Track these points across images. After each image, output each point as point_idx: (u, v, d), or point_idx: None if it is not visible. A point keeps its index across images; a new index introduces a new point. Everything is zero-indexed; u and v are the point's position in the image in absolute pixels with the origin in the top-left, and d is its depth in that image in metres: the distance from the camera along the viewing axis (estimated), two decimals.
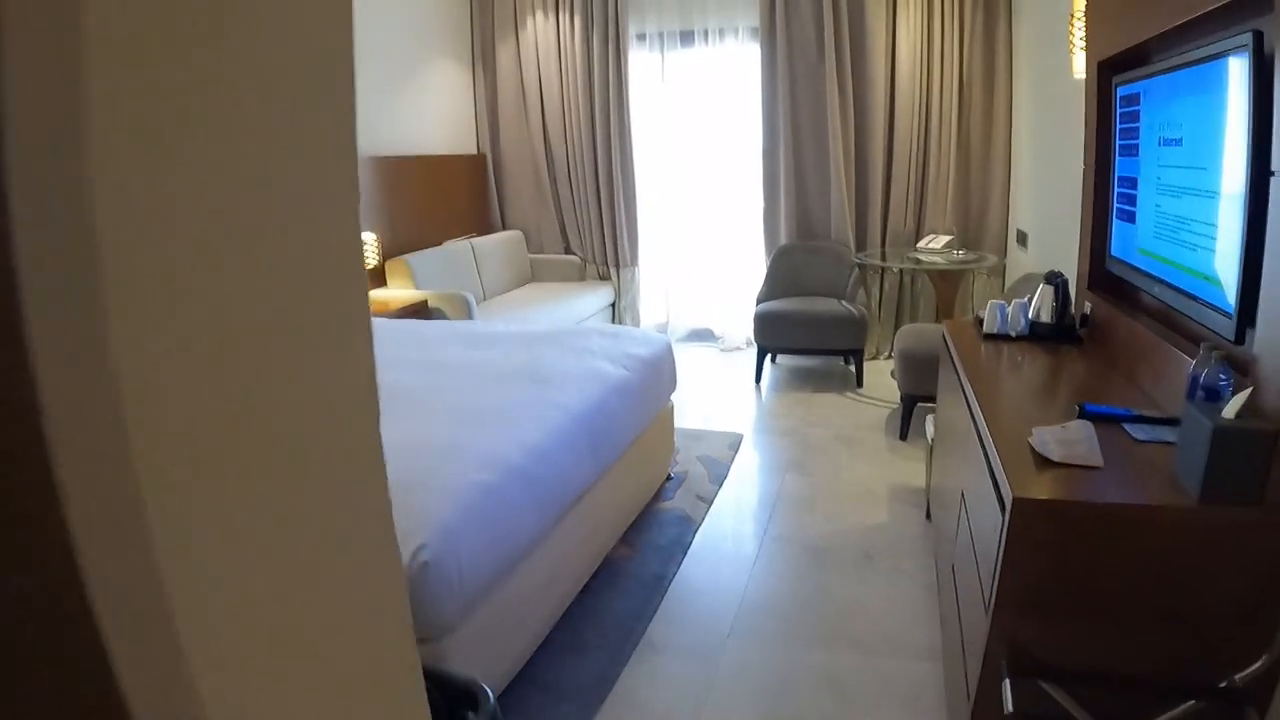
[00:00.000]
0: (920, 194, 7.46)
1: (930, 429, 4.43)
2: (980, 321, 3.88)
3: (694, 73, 8.03)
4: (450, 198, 8.08)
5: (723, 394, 6.85)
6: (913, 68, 7.26)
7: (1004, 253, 7.17)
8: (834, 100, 7.34)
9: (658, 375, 4.63)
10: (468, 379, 4.02)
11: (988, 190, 7.29)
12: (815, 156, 7.61)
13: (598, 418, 3.81)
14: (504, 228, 8.66)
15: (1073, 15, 4.14)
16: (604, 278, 8.39)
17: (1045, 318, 3.70)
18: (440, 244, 7.55)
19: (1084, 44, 4.01)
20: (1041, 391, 3.16)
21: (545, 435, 3.40)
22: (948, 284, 6.68)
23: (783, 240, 7.70)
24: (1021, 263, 6.41)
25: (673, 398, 4.95)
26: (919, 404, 5.49)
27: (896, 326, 7.53)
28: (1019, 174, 6.90)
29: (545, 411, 3.57)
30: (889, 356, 7.42)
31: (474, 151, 8.64)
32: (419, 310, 6.31)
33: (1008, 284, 6.87)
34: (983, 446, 2.61)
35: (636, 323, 8.36)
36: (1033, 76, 6.29)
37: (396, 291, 6.63)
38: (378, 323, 5.44)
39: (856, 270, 7.13)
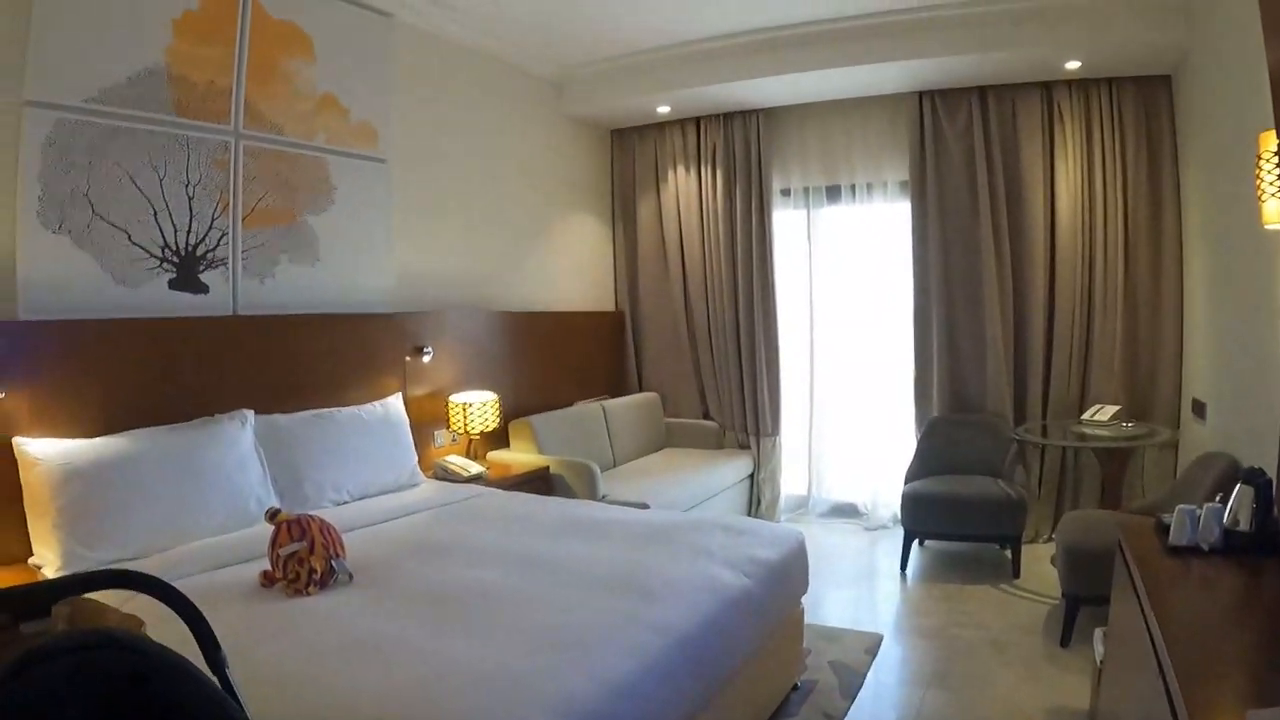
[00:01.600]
0: (1084, 359, 6.66)
1: (1099, 646, 3.71)
2: (1163, 526, 3.16)
3: (840, 230, 7.51)
4: (585, 356, 7.66)
5: (863, 582, 6.10)
6: (1073, 221, 6.59)
7: (1177, 425, 6.31)
8: (989, 258, 6.70)
9: (786, 582, 4.00)
10: (559, 583, 3.46)
11: (1157, 354, 6.46)
12: (970, 319, 6.92)
13: (707, 639, 3.17)
14: (640, 389, 8.16)
15: (1260, 158, 3.53)
16: (743, 446, 7.73)
17: (1244, 525, 2.93)
18: (570, 404, 7.08)
19: (1277, 190, 3.41)
20: (1252, 637, 2.38)
21: (636, 667, 2.78)
22: (1115, 461, 5.84)
23: (935, 411, 6.98)
24: (1199, 437, 5.57)
25: (808, 584, 4.31)
26: (1084, 605, 4.75)
27: (1057, 507, 6.69)
28: (1193, 335, 6.10)
29: (641, 636, 2.95)
30: (1048, 540, 6.60)
31: (611, 308, 8.26)
32: (540, 477, 5.80)
33: (1182, 461, 6.00)
34: (1171, 707, 1.97)
35: (776, 495, 7.64)
36: (1207, 227, 5.57)
37: (518, 455, 6.14)
38: (485, 494, 4.99)
39: (1015, 446, 6.36)
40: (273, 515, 3.67)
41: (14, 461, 3.82)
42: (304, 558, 3.49)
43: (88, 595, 1.76)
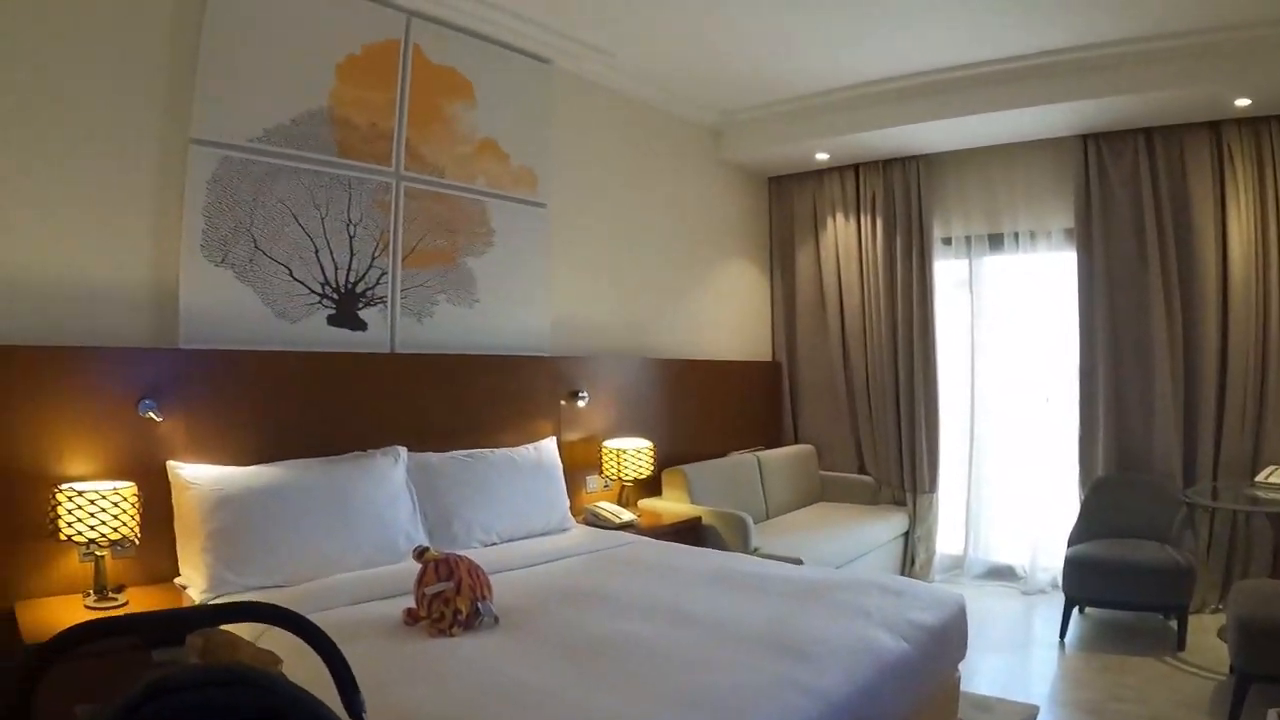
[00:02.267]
0: (1259, 416, 5.89)
1: None
2: None
3: (1003, 279, 6.97)
4: (740, 406, 7.27)
5: (1019, 649, 5.52)
6: (1247, 268, 5.90)
7: None
8: (1158, 308, 6.07)
9: (945, 647, 3.57)
10: (709, 639, 3.13)
11: None
12: (1138, 373, 6.28)
13: (862, 706, 2.81)
14: (796, 441, 7.68)
15: None
16: (899, 502, 7.16)
17: None
18: (725, 454, 6.69)
19: None
20: None
21: None
22: None
23: (1100, 469, 6.33)
24: None
25: (966, 650, 3.84)
26: (1256, 682, 4.14)
27: (1227, 575, 5.93)
28: None
29: (794, 700, 2.63)
30: (1215, 610, 5.89)
31: (768, 358, 7.88)
32: (692, 528, 5.46)
33: None
34: None
35: (931, 554, 7.06)
36: None
37: (670, 504, 5.81)
38: (636, 542, 4.68)
39: (1184, 509, 5.68)
40: (420, 553, 3.47)
41: (168, 484, 3.76)
42: (449, 598, 3.27)
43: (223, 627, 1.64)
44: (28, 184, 3.60)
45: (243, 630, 2.11)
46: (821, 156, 7.16)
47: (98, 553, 3.44)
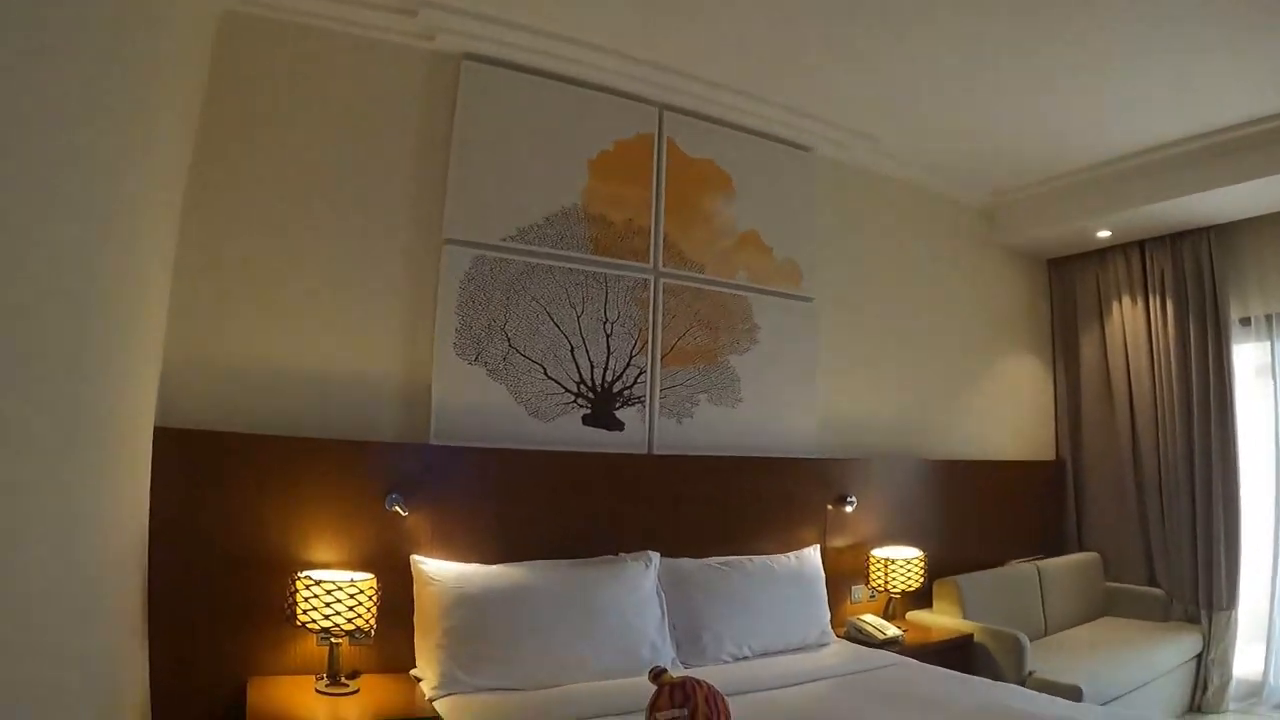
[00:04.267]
0: None
1: None
2: None
3: None
4: (1019, 510, 5.88)
5: None
6: None
7: None
8: None
9: None
10: None
11: None
12: None
13: None
14: (1079, 548, 6.12)
15: None
16: (1191, 619, 5.46)
17: None
18: (1002, 563, 5.42)
19: None
20: None
21: None
22: None
23: None
24: None
25: None
26: None
27: None
28: None
29: None
30: None
31: (1050, 457, 6.41)
32: (962, 646, 4.35)
33: None
34: None
35: (1226, 680, 5.26)
36: None
37: (940, 618, 4.71)
38: (899, 665, 3.71)
39: None
40: (657, 675, 2.74)
41: (410, 576, 3.37)
42: None
43: None
44: (291, 284, 3.44)
45: None
46: (1103, 234, 5.81)
47: (333, 640, 3.10)
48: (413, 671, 3.30)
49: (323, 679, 3.12)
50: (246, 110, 3.40)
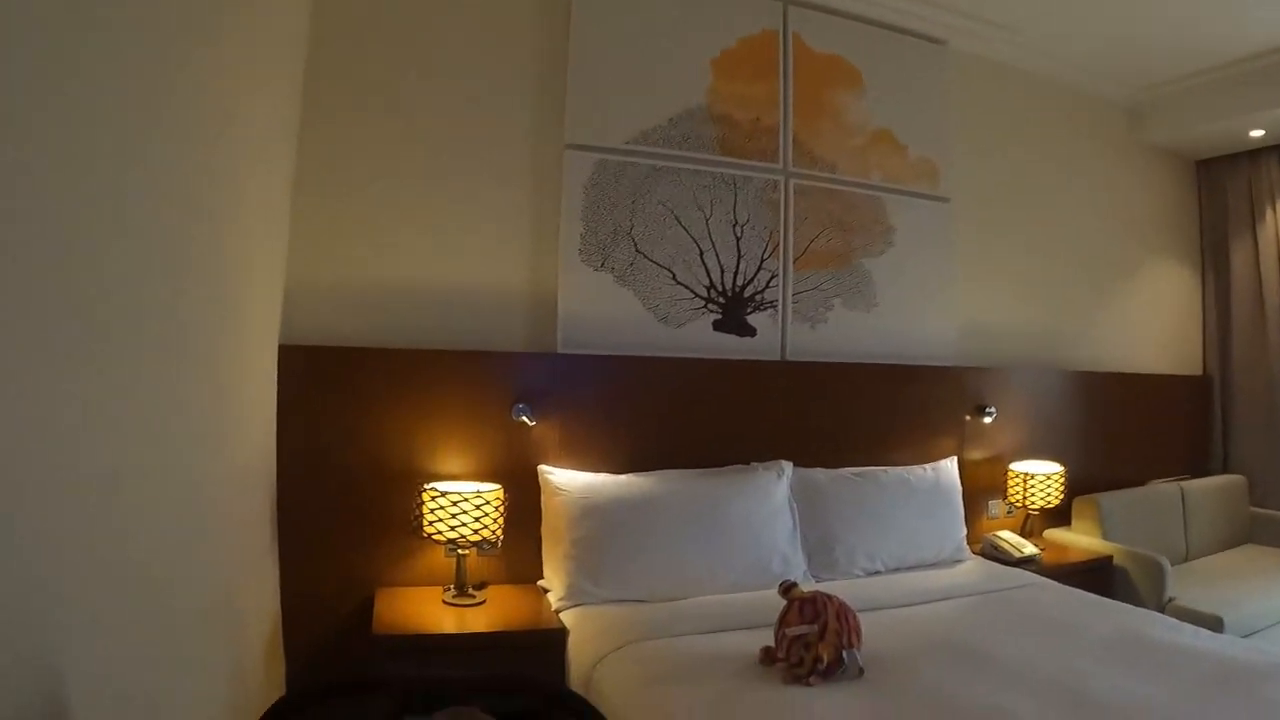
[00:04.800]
0: None
1: None
2: None
3: None
4: (1162, 427, 5.32)
5: None
6: None
7: None
8: None
9: None
10: None
11: None
12: None
13: None
14: (1225, 470, 5.51)
15: None
16: None
17: None
18: (1143, 483, 4.90)
19: None
20: None
21: None
22: None
23: None
24: None
25: None
26: None
27: None
28: None
29: None
30: None
31: (1197, 372, 5.75)
32: (1099, 568, 3.98)
33: None
34: None
35: None
36: None
37: (1078, 538, 4.33)
38: (1035, 585, 3.39)
39: None
40: (787, 589, 2.58)
41: (538, 487, 3.25)
42: (811, 643, 2.38)
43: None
44: (414, 200, 3.30)
45: None
46: (1256, 134, 5.11)
47: (460, 551, 2.99)
48: (540, 582, 3.20)
49: (449, 590, 3.04)
50: (359, 23, 3.23)
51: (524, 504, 3.19)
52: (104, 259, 1.29)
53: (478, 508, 2.92)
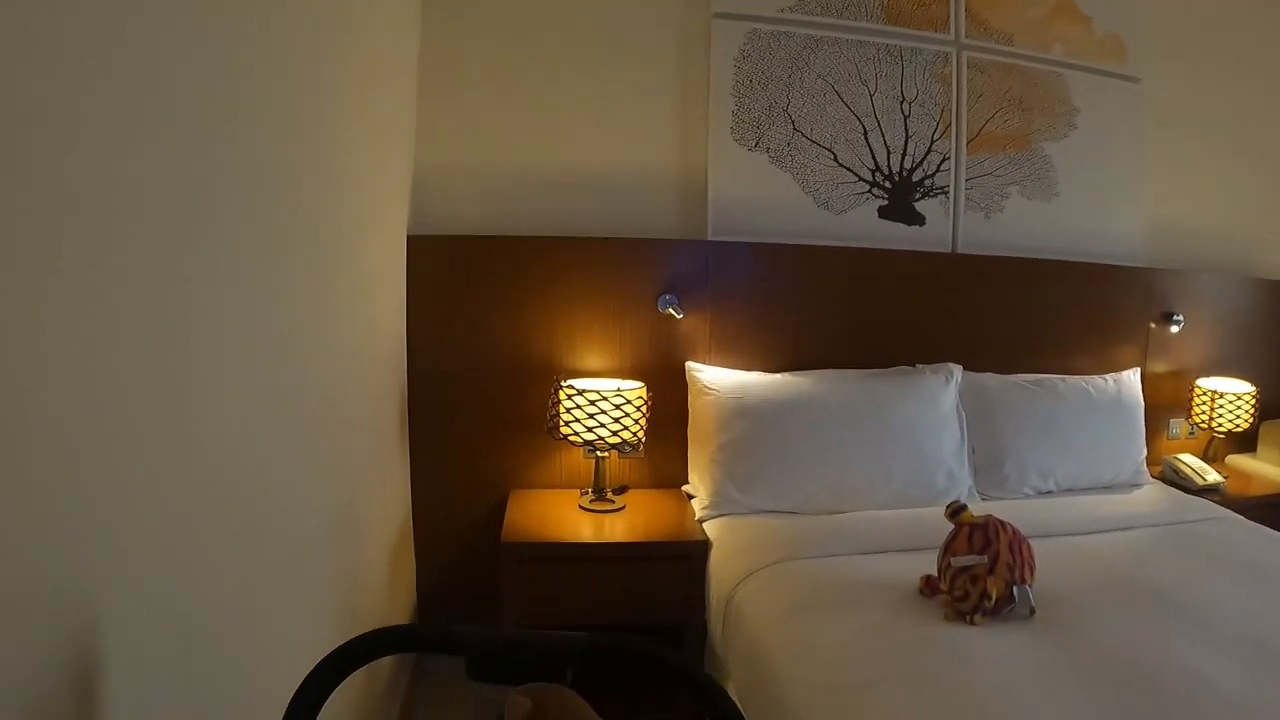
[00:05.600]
0: None
1: None
2: None
3: None
4: None
5: None
6: None
7: None
8: None
9: None
10: None
11: None
12: None
13: None
14: None
15: None
16: None
17: None
18: None
19: None
20: None
21: None
22: None
23: None
24: None
25: None
26: None
27: None
28: None
29: None
30: None
31: None
32: None
33: None
34: None
35: None
36: None
37: (1265, 466, 3.78)
38: (1220, 519, 2.92)
39: None
40: (955, 512, 2.22)
41: (684, 386, 2.99)
42: (980, 575, 2.04)
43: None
44: (546, 80, 3.01)
45: None
46: None
47: (599, 453, 2.75)
48: (685, 488, 2.95)
49: (587, 494, 2.82)
50: None
51: (670, 403, 2.94)
52: (219, 159, 1.14)
53: (617, 407, 2.67)
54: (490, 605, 2.56)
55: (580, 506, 2.79)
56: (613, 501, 2.80)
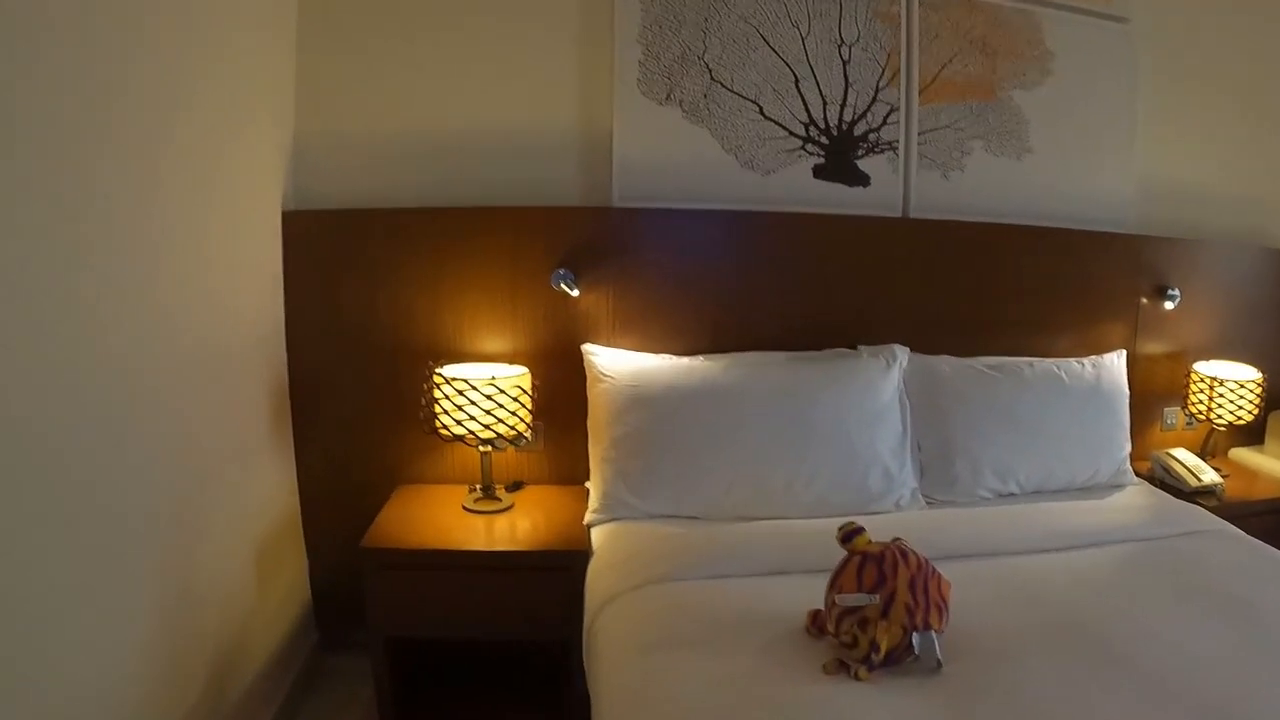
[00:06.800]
0: None
1: None
2: None
3: None
4: None
5: None
6: None
7: None
8: None
9: None
10: None
11: None
12: None
13: None
14: None
15: None
16: None
17: None
18: None
19: None
20: None
21: None
22: None
23: None
24: None
25: None
26: None
27: None
28: None
29: None
30: None
31: None
32: None
33: None
34: None
35: None
36: None
37: (1272, 463, 3.29)
38: (1212, 533, 2.40)
39: None
40: (848, 537, 1.74)
41: (583, 370, 2.62)
42: (870, 619, 1.60)
43: None
44: (448, 33, 2.68)
45: None
46: None
47: (479, 448, 2.41)
48: (587, 484, 2.57)
49: (474, 491, 2.50)
50: None
51: (575, 390, 2.59)
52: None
53: (489, 397, 2.31)
54: None
55: (464, 506, 2.47)
56: (500, 500, 2.48)
